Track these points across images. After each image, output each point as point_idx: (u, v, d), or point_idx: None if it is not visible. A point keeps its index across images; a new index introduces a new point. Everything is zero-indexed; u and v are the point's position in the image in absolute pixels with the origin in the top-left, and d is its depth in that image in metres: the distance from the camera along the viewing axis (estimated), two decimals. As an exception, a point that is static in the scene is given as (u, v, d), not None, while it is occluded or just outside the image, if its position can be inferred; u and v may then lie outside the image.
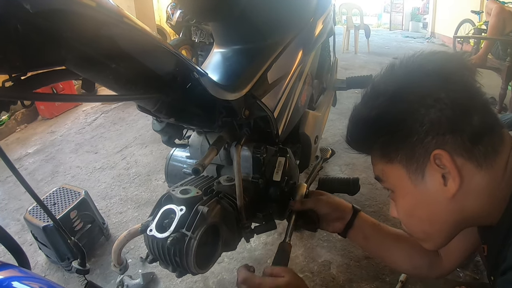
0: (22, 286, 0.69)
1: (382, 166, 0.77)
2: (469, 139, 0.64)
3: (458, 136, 0.64)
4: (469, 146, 0.64)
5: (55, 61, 0.70)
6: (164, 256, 0.99)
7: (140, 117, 4.66)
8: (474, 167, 0.65)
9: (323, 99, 2.18)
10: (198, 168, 0.97)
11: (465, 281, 1.76)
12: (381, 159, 0.76)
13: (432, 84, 0.67)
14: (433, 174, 0.67)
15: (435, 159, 0.65)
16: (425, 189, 0.70)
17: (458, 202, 0.68)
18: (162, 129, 1.26)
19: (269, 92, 1.28)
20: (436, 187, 0.68)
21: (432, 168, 0.67)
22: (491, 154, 0.65)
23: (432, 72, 0.68)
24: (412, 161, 0.69)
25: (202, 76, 0.96)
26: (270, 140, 1.33)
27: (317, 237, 2.22)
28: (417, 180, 0.70)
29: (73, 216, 2.18)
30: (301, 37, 1.59)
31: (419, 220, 0.76)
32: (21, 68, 0.64)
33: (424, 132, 0.66)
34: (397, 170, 0.73)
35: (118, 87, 0.85)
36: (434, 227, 0.75)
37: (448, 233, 0.75)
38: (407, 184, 0.72)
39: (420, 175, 0.69)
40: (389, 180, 0.77)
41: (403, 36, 10.37)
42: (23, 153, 4.12)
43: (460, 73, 0.68)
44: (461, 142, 0.64)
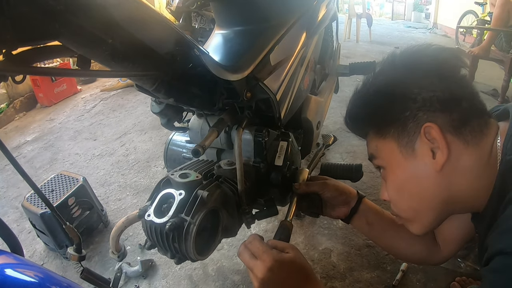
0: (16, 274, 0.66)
1: (376, 143, 0.83)
2: (458, 118, 0.70)
3: (448, 114, 0.70)
4: (458, 124, 0.70)
5: (48, 35, 0.66)
6: (163, 242, 0.96)
7: (139, 103, 4.65)
8: (461, 144, 0.70)
9: (326, 84, 2.15)
10: (198, 150, 0.94)
11: (466, 271, 1.76)
12: (375, 136, 0.82)
13: (426, 70, 0.74)
14: (423, 147, 0.72)
15: (425, 133, 0.71)
16: (415, 162, 0.75)
17: (446, 177, 0.72)
18: (161, 111, 1.23)
19: (272, 75, 1.25)
20: (425, 160, 0.73)
21: (422, 141, 0.72)
22: (478, 134, 0.71)
23: (427, 59, 0.75)
24: (404, 135, 0.75)
25: (203, 54, 0.92)
26: (272, 124, 1.30)
27: (317, 224, 2.21)
28: (407, 153, 0.75)
29: (71, 203, 2.16)
30: (304, 19, 1.55)
31: (409, 195, 0.79)
32: (12, 43, 0.60)
33: (417, 108, 0.72)
34: (389, 145, 0.78)
35: (115, 63, 0.81)
36: (423, 203, 0.78)
37: (436, 211, 0.78)
38: (398, 157, 0.77)
39: (410, 148, 0.74)
40: (382, 155, 0.82)
41: (405, 26, 10.29)
42: (21, 141, 4.11)
43: (453, 63, 0.74)
44: (450, 119, 0.70)
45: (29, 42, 0.66)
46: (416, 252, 1.09)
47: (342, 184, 1.16)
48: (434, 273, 1.81)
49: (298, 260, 0.83)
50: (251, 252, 0.84)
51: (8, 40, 0.58)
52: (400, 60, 0.79)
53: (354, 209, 1.13)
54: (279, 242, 0.88)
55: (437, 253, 1.06)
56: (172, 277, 1.97)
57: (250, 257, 0.83)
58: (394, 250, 1.17)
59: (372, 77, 0.82)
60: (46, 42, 0.70)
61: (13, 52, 0.64)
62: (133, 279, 1.99)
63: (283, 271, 0.80)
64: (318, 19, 1.71)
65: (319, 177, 1.22)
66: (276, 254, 0.81)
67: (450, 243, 1.02)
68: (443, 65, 0.74)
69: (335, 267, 1.93)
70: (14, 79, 0.71)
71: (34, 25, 0.62)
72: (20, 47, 0.64)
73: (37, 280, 0.68)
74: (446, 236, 1.02)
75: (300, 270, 0.82)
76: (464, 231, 0.96)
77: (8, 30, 0.57)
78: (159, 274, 2.00)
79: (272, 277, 0.78)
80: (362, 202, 1.14)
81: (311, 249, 2.05)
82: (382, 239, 1.16)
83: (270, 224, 2.25)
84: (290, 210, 1.12)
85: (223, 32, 1.42)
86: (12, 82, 0.71)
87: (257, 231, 2.19)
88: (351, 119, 0.89)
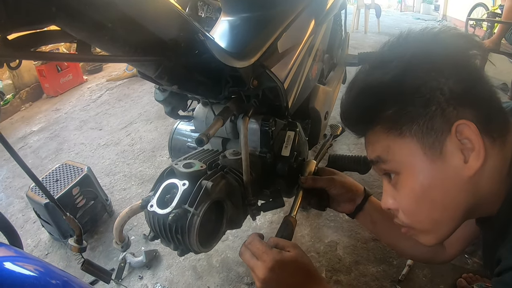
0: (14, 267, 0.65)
1: (387, 142, 0.68)
2: (486, 113, 0.60)
3: (476, 109, 0.60)
4: (486, 122, 0.60)
5: (45, 19, 0.63)
6: (166, 233, 0.94)
7: (145, 93, 4.65)
8: (489, 144, 0.61)
9: (334, 74, 2.12)
10: (203, 138, 0.91)
11: (472, 268, 1.75)
12: (388, 133, 0.67)
13: (451, 56, 0.62)
14: (454, 149, 0.61)
15: (456, 132, 0.60)
16: (442, 167, 0.62)
17: (474, 184, 0.62)
18: (165, 99, 1.20)
19: (279, 62, 1.22)
20: (455, 163, 0.61)
21: (452, 142, 0.61)
22: (504, 132, 0.62)
23: (452, 45, 0.63)
24: (430, 134, 0.62)
25: (208, 40, 0.89)
26: (279, 113, 1.27)
27: (323, 216, 2.19)
28: (434, 156, 0.62)
29: (75, 193, 2.16)
30: (312, 6, 1.51)
31: (431, 204, 0.67)
32: (6, 27, 0.57)
33: (446, 101, 0.60)
34: (408, 145, 0.64)
35: (115, 48, 0.78)
36: (446, 213, 0.67)
37: (456, 221, 0.68)
38: (422, 161, 0.64)
39: (438, 150, 0.62)
40: (396, 158, 0.68)
41: (414, 18, 10.16)
42: (27, 131, 4.14)
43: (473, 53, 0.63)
44: (479, 115, 0.60)
45: (25, 27, 0.63)
46: (421, 252, 1.06)
47: (349, 180, 1.11)
48: (441, 269, 1.79)
49: (299, 259, 0.81)
50: (251, 253, 0.83)
51: (2, 24, 0.55)
52: (419, 43, 0.65)
53: (360, 207, 1.10)
54: (280, 240, 0.86)
55: (442, 253, 1.03)
56: (176, 267, 1.97)
57: (251, 257, 0.82)
58: (398, 249, 1.13)
59: (385, 60, 0.67)
60: (43, 26, 0.67)
61: (9, 37, 0.61)
62: (137, 270, 1.98)
63: (284, 271, 0.78)
64: (327, 7, 1.67)
65: (326, 169, 1.19)
66: (276, 254, 0.79)
67: (455, 243, 0.98)
68: (465, 53, 0.63)
69: (340, 260, 1.91)
70: (9, 65, 0.68)
71: (29, 8, 0.59)
72: (15, 31, 0.62)
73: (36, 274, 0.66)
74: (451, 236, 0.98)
75: (302, 268, 0.80)
76: (469, 231, 0.92)
77: (1, 13, 0.54)
78: (163, 265, 2.00)
79: (273, 277, 0.77)
80: (368, 200, 1.10)
81: (316, 242, 2.03)
82: (386, 237, 1.13)
83: (275, 216, 2.23)
84: (294, 204, 1.09)
85: (229, 19, 1.38)
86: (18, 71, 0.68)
87: (263, 223, 2.17)
88: (352, 113, 0.74)
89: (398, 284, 1.73)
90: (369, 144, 0.74)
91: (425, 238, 0.73)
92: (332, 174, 1.14)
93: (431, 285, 1.73)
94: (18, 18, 0.58)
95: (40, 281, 0.65)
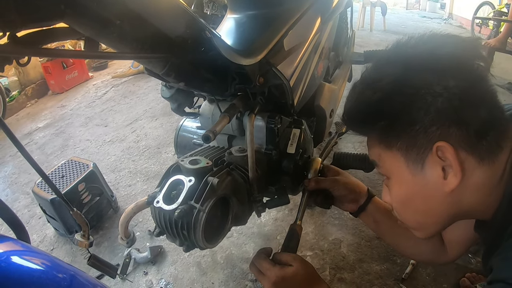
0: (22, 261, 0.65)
1: (379, 151, 0.73)
2: (475, 132, 0.61)
3: (464, 129, 0.61)
4: (474, 141, 0.61)
5: (54, 16, 0.64)
6: (171, 229, 0.95)
7: (150, 90, 4.66)
8: (476, 162, 0.63)
9: (340, 72, 2.11)
10: (209, 135, 0.91)
11: (476, 267, 1.75)
12: (379, 144, 0.72)
13: (443, 71, 0.62)
14: (434, 166, 0.64)
15: (437, 151, 0.62)
16: (423, 181, 0.67)
17: (455, 197, 0.66)
18: (171, 96, 1.21)
19: (285, 60, 1.22)
20: (435, 179, 0.65)
21: (433, 159, 0.64)
22: (495, 150, 0.63)
23: (444, 58, 0.63)
24: (413, 150, 0.66)
25: (215, 37, 0.89)
26: (285, 110, 1.27)
27: (328, 214, 2.19)
28: (415, 170, 0.67)
29: (81, 189, 2.17)
30: (319, 4, 1.51)
31: (414, 210, 0.74)
32: (15, 24, 0.58)
33: (429, 121, 0.62)
34: (395, 157, 0.69)
35: (123, 46, 0.78)
36: (428, 218, 0.74)
37: (441, 224, 0.74)
38: (405, 173, 0.69)
39: (419, 165, 0.66)
40: (386, 166, 0.74)
41: (419, 16, 10.11)
42: (33, 127, 4.15)
43: (472, 62, 0.63)
44: (466, 135, 0.61)
45: (34, 24, 0.64)
46: (423, 252, 1.07)
47: (352, 180, 1.13)
48: (444, 268, 1.79)
49: (300, 271, 0.89)
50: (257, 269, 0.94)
51: (11, 21, 0.56)
52: (410, 57, 0.66)
53: (362, 207, 1.11)
54: (283, 256, 0.95)
55: (444, 254, 1.04)
56: (181, 263, 1.97)
57: (258, 272, 0.94)
58: (401, 249, 1.15)
59: (376, 78, 0.69)
60: (52, 23, 0.67)
61: (18, 34, 0.61)
62: (142, 265, 2.00)
63: (286, 284, 0.89)
64: (333, 5, 1.67)
65: (331, 167, 1.20)
66: (277, 271, 0.89)
67: (456, 245, 1.00)
68: (463, 65, 0.62)
69: (344, 258, 1.91)
70: (19, 62, 0.69)
71: (39, 5, 0.59)
72: (25, 29, 0.62)
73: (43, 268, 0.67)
74: (451, 238, 1.00)
75: (303, 279, 0.90)
76: (470, 234, 0.91)
77: (11, 11, 0.55)
78: (168, 261, 2.01)
79: None
80: (371, 201, 1.11)
81: (321, 239, 2.03)
82: (389, 237, 1.15)
83: (280, 213, 2.23)
84: (300, 210, 1.12)
85: (235, 16, 1.39)
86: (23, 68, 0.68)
87: (267, 220, 2.18)
88: (350, 120, 0.77)
89: (401, 283, 1.73)
90: (368, 146, 0.78)
91: (415, 232, 0.80)
92: (336, 173, 1.16)
93: (434, 284, 1.73)
94: (27, 15, 0.59)
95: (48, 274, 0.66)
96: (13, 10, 0.55)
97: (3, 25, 0.57)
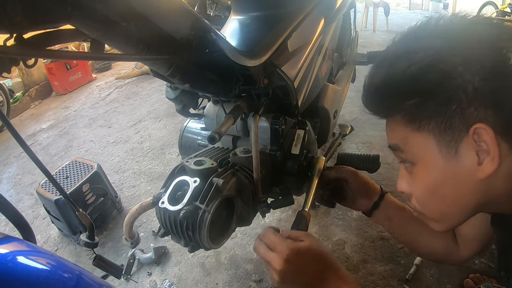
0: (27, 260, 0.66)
1: (406, 134, 0.68)
2: (509, 117, 0.58)
3: (500, 112, 0.58)
4: (508, 126, 0.58)
5: (60, 18, 0.64)
6: (176, 230, 0.95)
7: (154, 91, 4.67)
8: (508, 149, 0.59)
9: (343, 73, 2.12)
10: (214, 136, 0.92)
11: (480, 268, 1.74)
12: (406, 125, 0.67)
13: (483, 50, 0.58)
14: (468, 150, 0.60)
15: (473, 134, 0.58)
16: (455, 166, 0.62)
17: (487, 184, 0.62)
18: (176, 97, 1.21)
19: (289, 61, 1.23)
20: (469, 165, 0.61)
21: (468, 143, 0.60)
22: None
23: (485, 38, 0.59)
24: (447, 133, 0.61)
25: (220, 39, 0.90)
26: (289, 111, 1.28)
27: (332, 215, 2.19)
28: (449, 155, 0.62)
29: (85, 189, 2.18)
30: (322, 5, 1.52)
31: (441, 199, 0.68)
32: (22, 26, 0.58)
33: (467, 101, 0.58)
34: (425, 140, 0.64)
35: (129, 47, 0.79)
36: (455, 208, 0.68)
37: (465, 216, 0.70)
38: (436, 157, 0.64)
39: (453, 149, 0.61)
40: (412, 150, 0.68)
41: (423, 16, 9.98)
42: (37, 128, 4.17)
43: (505, 45, 0.59)
44: (502, 119, 0.58)
45: (41, 26, 0.65)
46: (435, 250, 1.06)
47: (367, 177, 1.13)
48: (448, 269, 1.78)
49: (314, 247, 0.79)
50: (266, 246, 0.81)
51: (18, 23, 0.57)
52: (448, 33, 0.62)
53: (376, 204, 1.10)
54: (292, 232, 0.85)
55: (456, 252, 1.02)
56: (185, 264, 1.98)
57: (266, 250, 0.80)
58: (413, 246, 1.14)
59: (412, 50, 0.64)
60: (58, 25, 0.68)
61: (24, 36, 0.62)
62: (145, 266, 2.00)
63: (300, 260, 0.76)
64: (336, 6, 1.67)
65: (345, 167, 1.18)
66: (290, 244, 0.77)
67: (470, 242, 0.98)
68: (497, 47, 0.59)
69: (348, 258, 1.91)
70: (26, 63, 0.69)
71: (45, 7, 0.60)
72: (31, 30, 0.63)
73: (49, 268, 0.67)
74: (465, 235, 0.98)
75: (318, 256, 0.78)
76: (484, 231, 0.91)
77: (18, 12, 0.55)
78: (172, 261, 2.01)
79: (290, 268, 0.75)
80: (384, 198, 1.10)
81: (324, 240, 2.03)
82: (402, 234, 1.13)
83: (284, 214, 2.23)
84: (307, 199, 1.08)
85: (240, 18, 1.39)
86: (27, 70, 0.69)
87: (271, 220, 2.18)
88: (375, 96, 0.71)
89: (405, 283, 1.73)
90: (389, 130, 0.74)
91: (434, 225, 0.75)
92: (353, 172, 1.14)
93: (438, 284, 1.73)
94: (34, 17, 0.60)
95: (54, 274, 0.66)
96: (20, 12, 0.56)
97: (10, 27, 0.57)
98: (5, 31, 0.58)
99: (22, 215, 0.92)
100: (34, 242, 0.93)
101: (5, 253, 0.63)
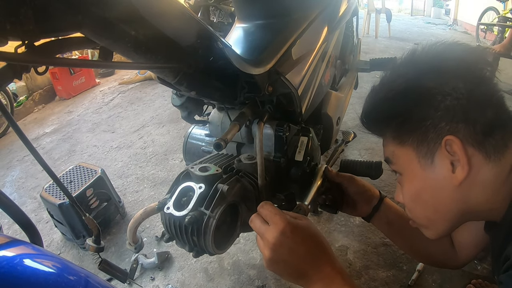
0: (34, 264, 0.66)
1: (393, 148, 0.78)
2: (481, 130, 0.65)
3: (471, 126, 0.65)
4: (481, 137, 0.66)
5: (71, 26, 0.66)
6: (181, 235, 0.96)
7: (157, 97, 4.68)
8: (483, 158, 0.66)
9: (346, 80, 2.13)
10: (221, 143, 0.93)
11: (481, 273, 1.74)
12: (393, 140, 0.78)
13: (452, 73, 0.68)
14: (443, 160, 0.68)
15: (446, 145, 0.67)
16: (433, 174, 0.71)
17: (463, 192, 0.69)
18: (182, 104, 1.23)
19: (293, 69, 1.24)
20: (444, 173, 0.69)
21: (442, 154, 0.68)
22: (501, 148, 0.66)
23: (453, 62, 0.69)
24: (423, 145, 0.70)
25: (225, 47, 0.91)
26: (293, 118, 1.29)
27: (334, 221, 2.19)
28: (426, 165, 0.71)
29: (89, 194, 2.19)
30: (326, 13, 1.54)
31: (424, 205, 0.77)
32: (34, 33, 0.60)
33: (439, 118, 0.67)
34: (407, 152, 0.74)
35: (137, 56, 0.80)
36: (438, 214, 0.76)
37: (450, 222, 0.76)
38: (416, 167, 0.73)
39: (429, 159, 0.71)
40: (399, 162, 0.79)
41: (425, 22, 10.11)
42: (40, 132, 4.18)
43: (480, 67, 0.68)
44: (473, 132, 0.65)
45: (52, 34, 0.66)
46: (433, 254, 1.08)
47: (366, 182, 1.15)
48: (450, 274, 1.78)
49: (313, 228, 0.78)
50: (262, 218, 0.78)
51: (30, 31, 0.58)
52: (423, 61, 0.73)
53: (376, 208, 1.12)
54: (290, 213, 0.81)
55: (454, 257, 1.05)
56: (188, 269, 1.98)
57: (262, 223, 0.77)
58: (412, 251, 1.15)
59: (391, 79, 0.76)
60: (69, 33, 0.69)
61: (36, 43, 0.63)
62: (149, 271, 2.01)
63: (296, 235, 0.73)
64: (339, 14, 1.69)
65: (343, 174, 1.20)
66: (289, 218, 0.76)
67: (466, 248, 1.01)
68: (471, 68, 0.68)
69: (351, 264, 1.92)
70: (37, 71, 0.71)
71: (57, 16, 0.61)
72: (43, 38, 0.64)
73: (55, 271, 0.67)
74: (461, 241, 1.01)
75: (315, 237, 0.76)
76: (480, 237, 0.94)
77: (30, 20, 0.56)
78: (175, 266, 2.02)
79: (284, 241, 0.72)
80: (383, 202, 1.12)
81: (327, 246, 2.03)
82: (400, 239, 1.15)
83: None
84: (309, 193, 1.09)
85: (244, 26, 1.41)
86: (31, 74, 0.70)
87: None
88: (367, 119, 0.84)
89: (408, 289, 1.74)
90: (383, 145, 0.84)
91: (425, 231, 0.83)
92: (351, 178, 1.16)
93: (440, 290, 1.73)
94: (46, 25, 0.61)
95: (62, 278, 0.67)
96: (32, 20, 0.57)
97: (22, 35, 0.59)
98: (17, 39, 0.59)
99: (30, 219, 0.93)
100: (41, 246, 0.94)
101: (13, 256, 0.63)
